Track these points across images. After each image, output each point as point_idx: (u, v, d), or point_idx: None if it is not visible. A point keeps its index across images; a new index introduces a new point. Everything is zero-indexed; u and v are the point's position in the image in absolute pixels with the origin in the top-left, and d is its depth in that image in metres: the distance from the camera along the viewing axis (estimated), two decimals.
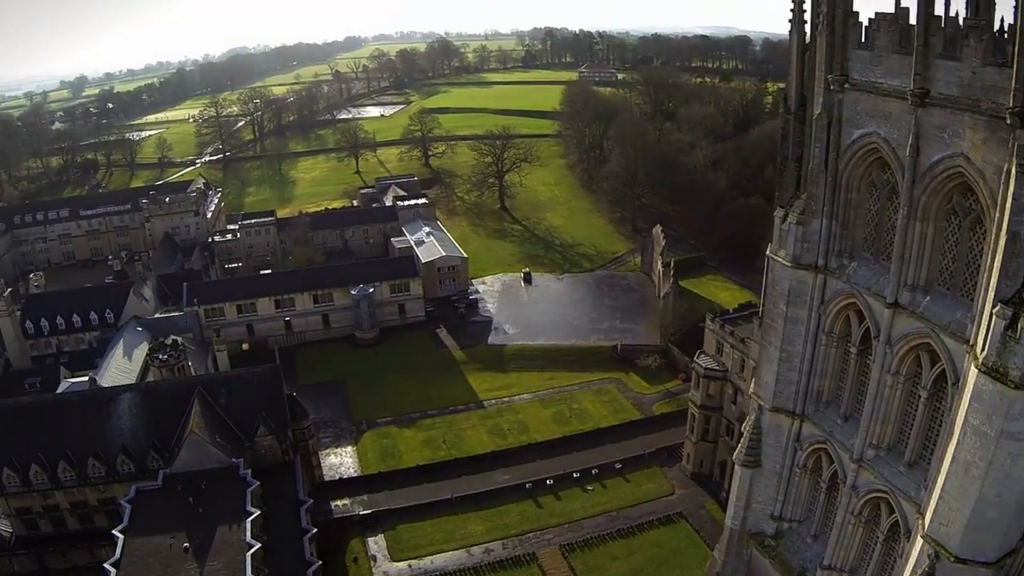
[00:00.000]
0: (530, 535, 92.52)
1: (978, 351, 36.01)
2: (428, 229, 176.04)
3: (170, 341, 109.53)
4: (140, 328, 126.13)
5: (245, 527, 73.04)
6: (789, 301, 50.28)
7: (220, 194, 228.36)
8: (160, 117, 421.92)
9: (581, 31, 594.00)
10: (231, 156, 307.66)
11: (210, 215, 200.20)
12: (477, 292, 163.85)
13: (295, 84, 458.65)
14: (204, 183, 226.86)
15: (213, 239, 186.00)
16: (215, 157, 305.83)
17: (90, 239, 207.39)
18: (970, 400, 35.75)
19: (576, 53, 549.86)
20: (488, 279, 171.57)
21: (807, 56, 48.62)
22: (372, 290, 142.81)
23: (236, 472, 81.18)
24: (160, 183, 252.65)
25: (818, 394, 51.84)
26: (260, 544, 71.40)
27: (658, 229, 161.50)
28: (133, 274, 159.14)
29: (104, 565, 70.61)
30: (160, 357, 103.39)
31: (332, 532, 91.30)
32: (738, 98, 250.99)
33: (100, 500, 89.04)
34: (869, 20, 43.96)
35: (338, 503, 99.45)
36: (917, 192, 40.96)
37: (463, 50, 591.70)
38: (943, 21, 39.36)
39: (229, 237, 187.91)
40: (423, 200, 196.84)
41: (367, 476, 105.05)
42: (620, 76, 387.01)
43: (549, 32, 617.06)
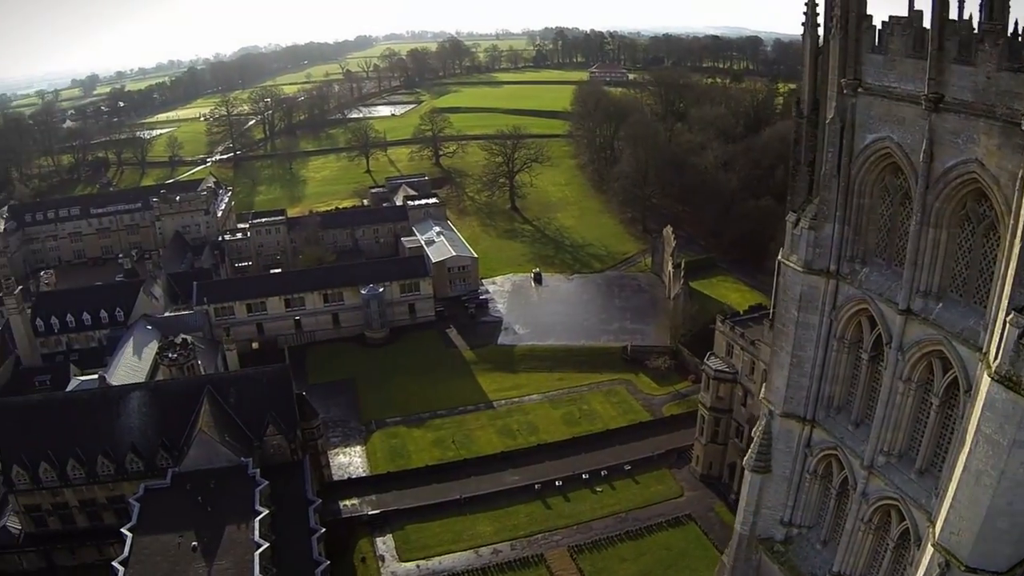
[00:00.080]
0: (538, 536, 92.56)
1: (991, 359, 35.61)
2: (438, 229, 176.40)
3: (180, 340, 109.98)
4: (150, 327, 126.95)
5: (253, 526, 73.30)
6: (800, 306, 49.85)
7: (230, 193, 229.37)
8: (171, 116, 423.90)
9: (592, 31, 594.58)
10: (242, 155, 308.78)
11: (220, 214, 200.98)
12: (487, 292, 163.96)
13: (306, 83, 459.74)
14: (215, 182, 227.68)
15: (223, 238, 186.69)
16: (226, 156, 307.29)
17: (100, 237, 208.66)
18: (982, 409, 35.35)
19: (587, 53, 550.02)
20: (498, 279, 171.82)
21: (820, 60, 48.23)
22: (382, 290, 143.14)
23: (245, 471, 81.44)
24: (171, 182, 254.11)
25: (829, 400, 51.44)
26: (268, 543, 71.65)
27: (669, 230, 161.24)
28: (143, 272, 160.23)
29: (112, 563, 71.01)
30: (170, 356, 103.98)
31: (340, 532, 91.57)
32: (749, 99, 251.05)
33: (109, 498, 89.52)
34: (882, 23, 43.26)
35: (347, 503, 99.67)
36: (930, 198, 40.52)
37: (474, 50, 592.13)
38: (957, 25, 38.97)
39: (239, 236, 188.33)
40: (433, 200, 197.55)
41: (376, 476, 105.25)
42: (631, 76, 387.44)
43: (560, 32, 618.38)
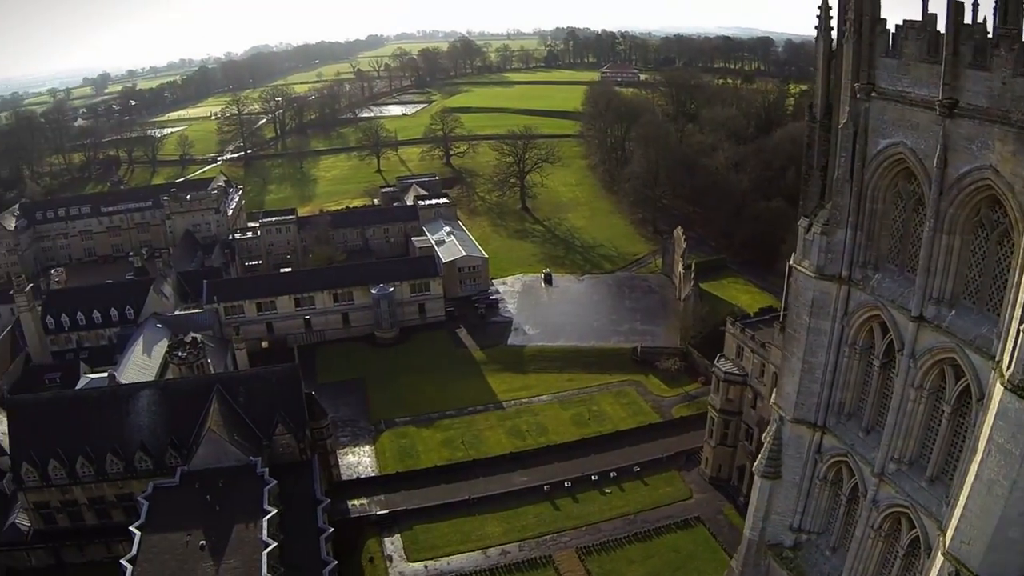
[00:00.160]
0: (547, 537, 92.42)
1: (1004, 368, 35.29)
2: (449, 229, 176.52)
3: (189, 338, 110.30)
4: (160, 325, 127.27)
5: (262, 526, 73.40)
6: (812, 312, 49.52)
7: (241, 192, 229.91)
8: (182, 114, 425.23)
9: (603, 31, 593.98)
10: (252, 154, 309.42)
11: (231, 213, 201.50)
12: (497, 292, 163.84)
13: (317, 82, 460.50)
14: (225, 181, 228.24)
15: (234, 237, 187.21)
16: (236, 155, 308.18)
17: (111, 235, 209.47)
18: (995, 418, 35.03)
19: (598, 53, 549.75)
20: (509, 279, 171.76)
21: (833, 63, 47.92)
22: (392, 289, 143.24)
23: (254, 470, 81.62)
24: (181, 180, 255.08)
25: (840, 406, 51.08)
26: (276, 543, 71.75)
27: (679, 231, 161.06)
28: (153, 271, 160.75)
29: (121, 561, 71.23)
30: (179, 354, 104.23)
31: (348, 532, 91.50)
32: (760, 100, 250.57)
33: (118, 496, 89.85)
34: (896, 27, 42.83)
35: (355, 503, 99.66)
36: (944, 204, 40.13)
37: (485, 49, 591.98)
38: (972, 29, 38.58)
39: (249, 235, 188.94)
40: (444, 200, 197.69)
41: (385, 476, 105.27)
42: (642, 77, 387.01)
43: (571, 32, 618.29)
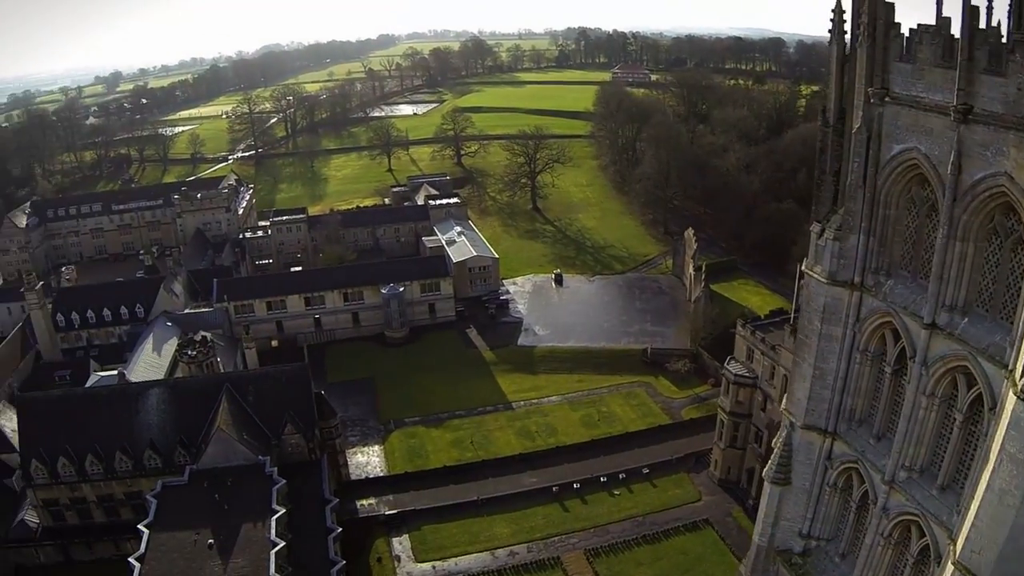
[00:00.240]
0: (555, 539, 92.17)
1: (1016, 376, 34.87)
2: (459, 229, 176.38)
3: (199, 337, 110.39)
4: (170, 323, 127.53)
5: (270, 525, 73.52)
6: (824, 318, 49.17)
7: (252, 190, 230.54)
8: (193, 113, 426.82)
9: (615, 31, 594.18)
10: (263, 153, 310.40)
11: (241, 211, 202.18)
12: (508, 293, 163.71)
13: (328, 81, 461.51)
14: (236, 179, 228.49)
15: (244, 235, 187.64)
16: (247, 153, 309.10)
17: (122, 233, 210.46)
18: (1007, 427, 34.61)
19: (610, 53, 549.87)
20: (519, 280, 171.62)
21: (847, 68, 47.58)
22: (402, 289, 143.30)
23: (262, 470, 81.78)
24: (192, 179, 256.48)
25: (851, 412, 50.70)
26: (284, 542, 71.84)
27: (690, 232, 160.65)
28: (164, 269, 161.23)
29: (129, 559, 71.49)
30: (189, 353, 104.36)
31: (357, 532, 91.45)
32: (771, 101, 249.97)
33: (126, 494, 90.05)
34: (910, 31, 42.36)
35: (364, 502, 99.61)
36: (958, 211, 39.71)
37: (496, 49, 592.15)
38: (987, 34, 38.20)
39: (260, 234, 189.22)
40: (455, 199, 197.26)
41: (393, 476, 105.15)
42: (653, 77, 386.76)
43: (583, 32, 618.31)
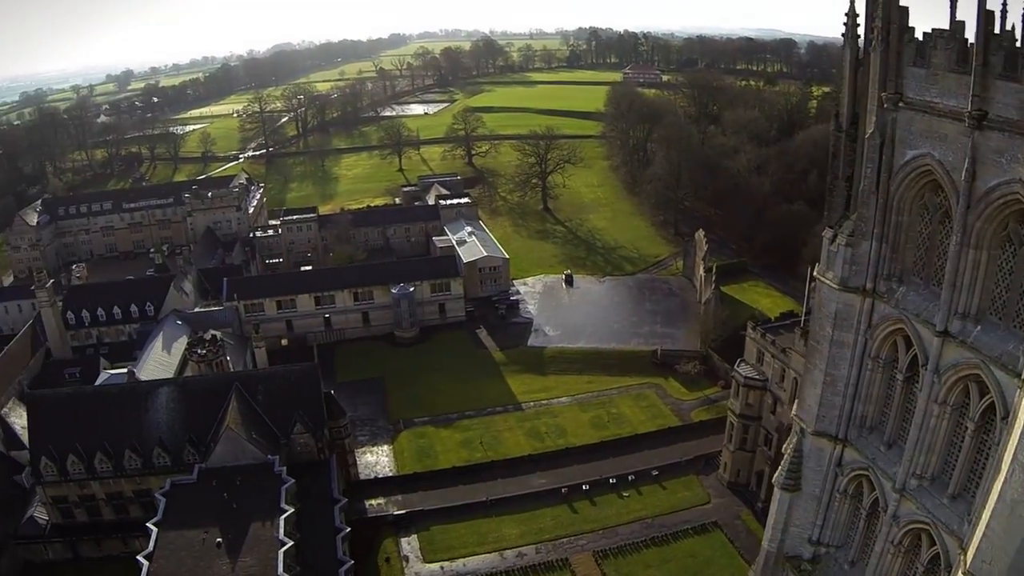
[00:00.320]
0: (564, 540, 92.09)
1: None
2: (470, 229, 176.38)
3: (209, 336, 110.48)
4: (180, 322, 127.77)
5: (278, 524, 73.51)
6: (835, 324, 48.91)
7: (262, 189, 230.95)
8: (204, 112, 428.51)
9: (626, 32, 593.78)
10: (274, 151, 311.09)
11: (252, 210, 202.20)
12: (518, 293, 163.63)
13: (339, 81, 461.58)
14: (247, 178, 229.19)
15: (254, 234, 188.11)
16: (258, 152, 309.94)
17: (132, 232, 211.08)
18: (1020, 437, 34.30)
19: (621, 54, 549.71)
20: (529, 280, 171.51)
21: (860, 72, 47.27)
22: (413, 289, 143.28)
23: (271, 469, 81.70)
24: (203, 177, 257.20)
25: (862, 419, 50.40)
26: (293, 542, 71.84)
27: (701, 233, 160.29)
28: (174, 267, 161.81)
29: (137, 557, 71.58)
30: (199, 352, 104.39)
31: (365, 531, 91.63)
32: (783, 102, 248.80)
33: (135, 492, 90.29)
34: (924, 35, 42.00)
35: (372, 502, 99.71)
36: (971, 218, 39.40)
37: (507, 49, 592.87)
38: (1002, 39, 37.85)
39: (270, 233, 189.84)
40: (466, 199, 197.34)
41: (402, 476, 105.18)
42: (664, 78, 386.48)
43: (594, 32, 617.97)
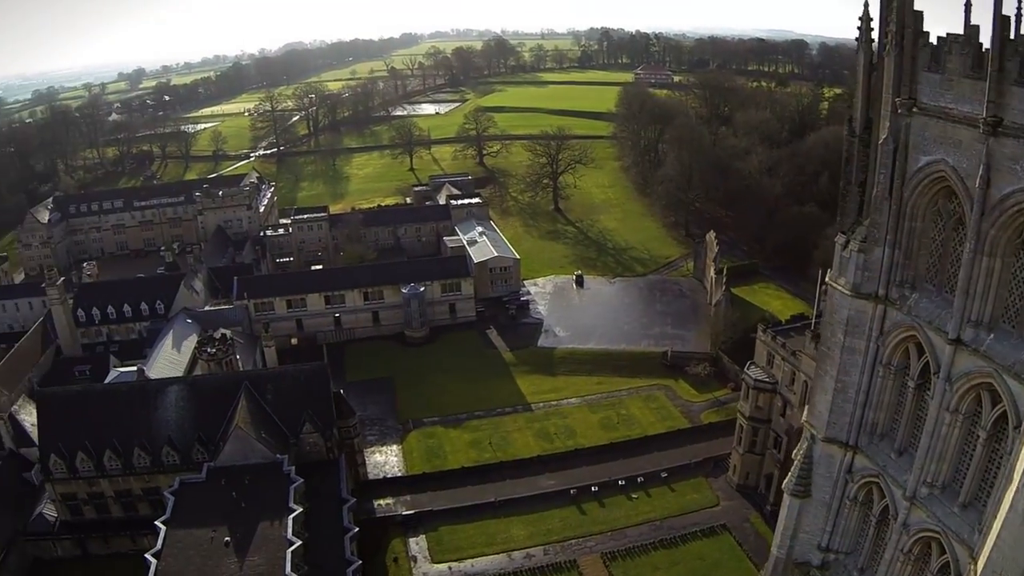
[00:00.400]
0: (572, 542, 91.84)
1: None
2: (481, 229, 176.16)
3: (219, 334, 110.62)
4: (190, 320, 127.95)
5: (287, 524, 73.51)
6: (847, 331, 48.71)
7: (273, 188, 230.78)
8: (215, 110, 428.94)
9: (637, 32, 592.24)
10: (285, 150, 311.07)
11: (263, 209, 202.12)
12: (528, 293, 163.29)
13: (350, 80, 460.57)
14: (258, 177, 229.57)
15: (265, 233, 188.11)
16: (269, 151, 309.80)
17: (143, 230, 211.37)
18: None
19: (632, 54, 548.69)
20: (540, 281, 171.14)
21: (873, 77, 47.01)
22: (423, 289, 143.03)
23: (280, 468, 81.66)
24: (214, 176, 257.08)
25: (872, 426, 50.21)
26: (301, 541, 71.90)
27: (711, 235, 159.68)
28: (184, 266, 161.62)
29: (145, 555, 71.62)
30: (208, 350, 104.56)
31: (374, 531, 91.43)
32: (794, 103, 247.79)
33: (144, 490, 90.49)
34: (939, 40, 41.79)
35: (381, 502, 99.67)
36: (985, 225, 39.20)
37: (519, 49, 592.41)
38: (1018, 44, 37.47)
39: (281, 232, 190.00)
40: (476, 199, 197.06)
41: (411, 476, 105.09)
42: (676, 78, 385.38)
43: (605, 32, 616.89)
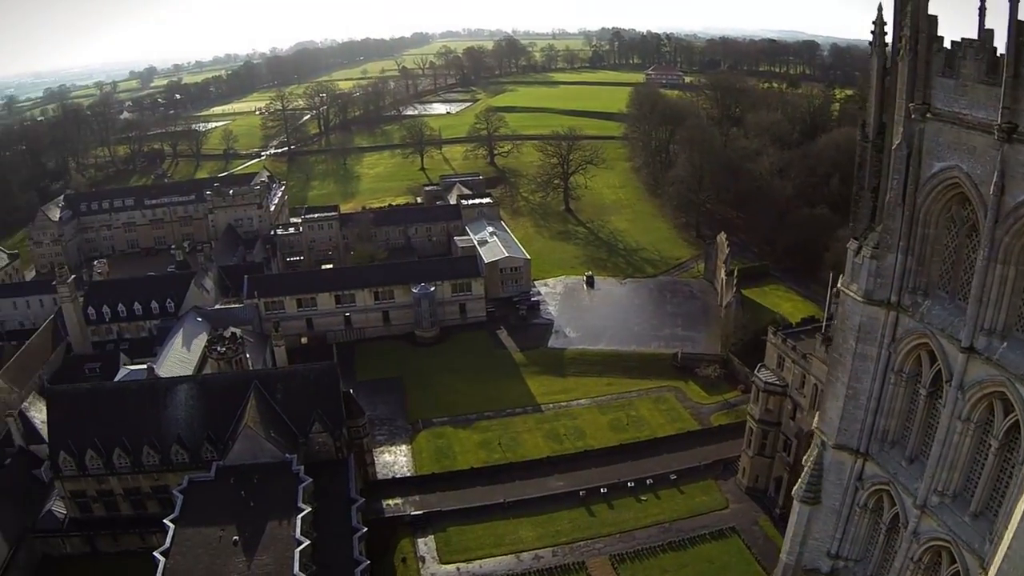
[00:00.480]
0: (581, 543, 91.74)
1: None
2: (492, 229, 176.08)
3: (229, 333, 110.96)
4: (200, 319, 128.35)
5: (295, 523, 73.70)
6: (859, 337, 48.43)
7: (284, 187, 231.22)
8: (227, 109, 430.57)
9: (649, 32, 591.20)
10: (296, 149, 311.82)
11: (273, 208, 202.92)
12: (539, 294, 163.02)
13: (361, 79, 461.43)
14: (268, 176, 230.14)
15: (275, 232, 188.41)
16: (280, 150, 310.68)
17: (154, 228, 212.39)
18: None
19: (643, 55, 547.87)
20: (551, 281, 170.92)
21: (887, 82, 46.73)
22: (433, 289, 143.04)
23: (289, 468, 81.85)
24: (225, 174, 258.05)
25: (883, 434, 49.88)
26: (309, 541, 72.01)
27: (722, 236, 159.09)
28: (195, 264, 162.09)
29: (154, 553, 71.91)
30: (218, 349, 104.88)
31: (382, 531, 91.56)
32: (805, 105, 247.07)
33: (153, 488, 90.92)
34: (953, 44, 41.48)
35: (390, 502, 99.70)
36: (999, 232, 38.88)
37: (530, 49, 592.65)
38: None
39: (292, 231, 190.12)
40: (487, 199, 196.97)
41: (420, 476, 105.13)
42: (687, 79, 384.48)
43: (616, 33, 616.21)
